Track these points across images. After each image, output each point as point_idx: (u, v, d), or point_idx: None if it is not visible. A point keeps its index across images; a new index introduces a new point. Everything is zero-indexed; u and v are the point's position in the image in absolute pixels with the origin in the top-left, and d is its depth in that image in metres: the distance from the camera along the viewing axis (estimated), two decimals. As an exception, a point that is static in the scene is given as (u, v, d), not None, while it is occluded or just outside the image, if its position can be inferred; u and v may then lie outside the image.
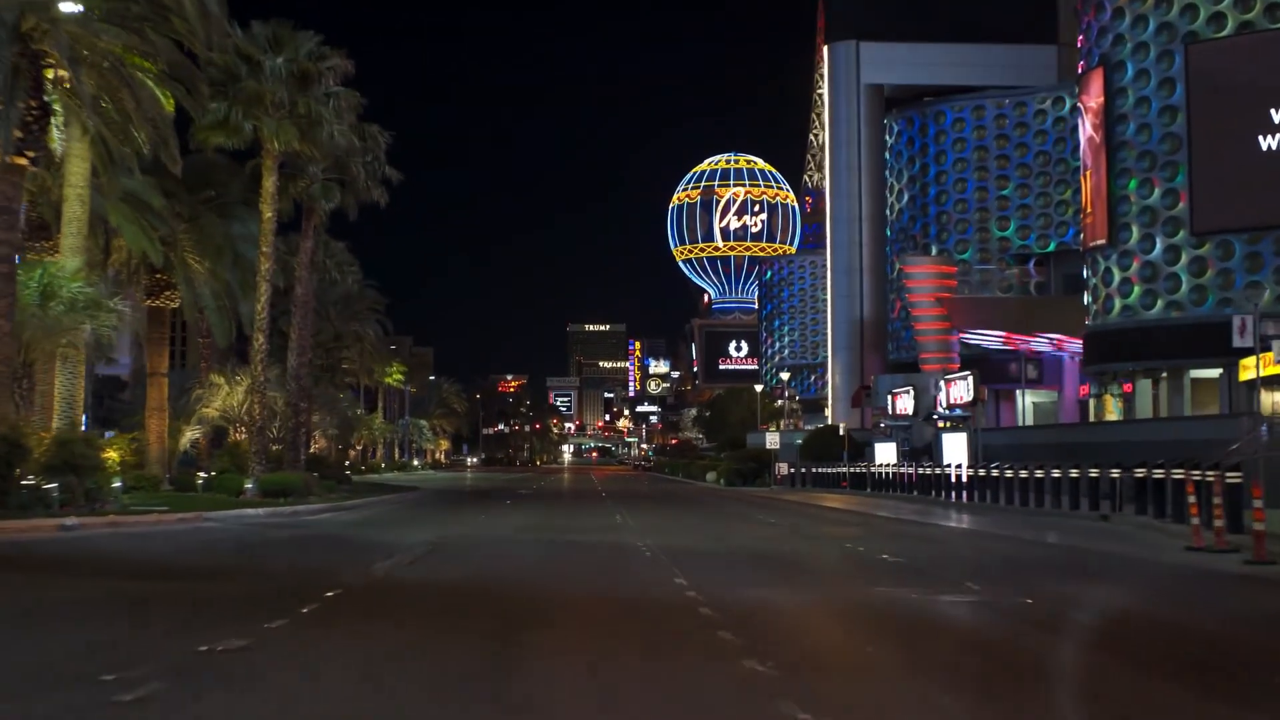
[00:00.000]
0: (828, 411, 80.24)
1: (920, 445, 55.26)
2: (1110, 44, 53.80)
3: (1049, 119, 74.22)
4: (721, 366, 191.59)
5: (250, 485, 29.05)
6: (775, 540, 21.96)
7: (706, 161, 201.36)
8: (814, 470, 59.78)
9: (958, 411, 49.67)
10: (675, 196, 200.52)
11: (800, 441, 65.82)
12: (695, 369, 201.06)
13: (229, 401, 38.37)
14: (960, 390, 47.53)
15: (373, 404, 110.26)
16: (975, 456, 43.86)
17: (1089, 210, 57.05)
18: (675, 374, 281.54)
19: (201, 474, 33.75)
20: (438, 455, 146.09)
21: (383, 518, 27.47)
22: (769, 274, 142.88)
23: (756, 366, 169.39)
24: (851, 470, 54.06)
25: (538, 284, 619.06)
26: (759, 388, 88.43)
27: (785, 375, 79.95)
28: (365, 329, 61.50)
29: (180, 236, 32.34)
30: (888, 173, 78.05)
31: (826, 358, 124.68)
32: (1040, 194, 74.27)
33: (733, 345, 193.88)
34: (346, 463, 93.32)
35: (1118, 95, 54.01)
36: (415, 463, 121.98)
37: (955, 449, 46.87)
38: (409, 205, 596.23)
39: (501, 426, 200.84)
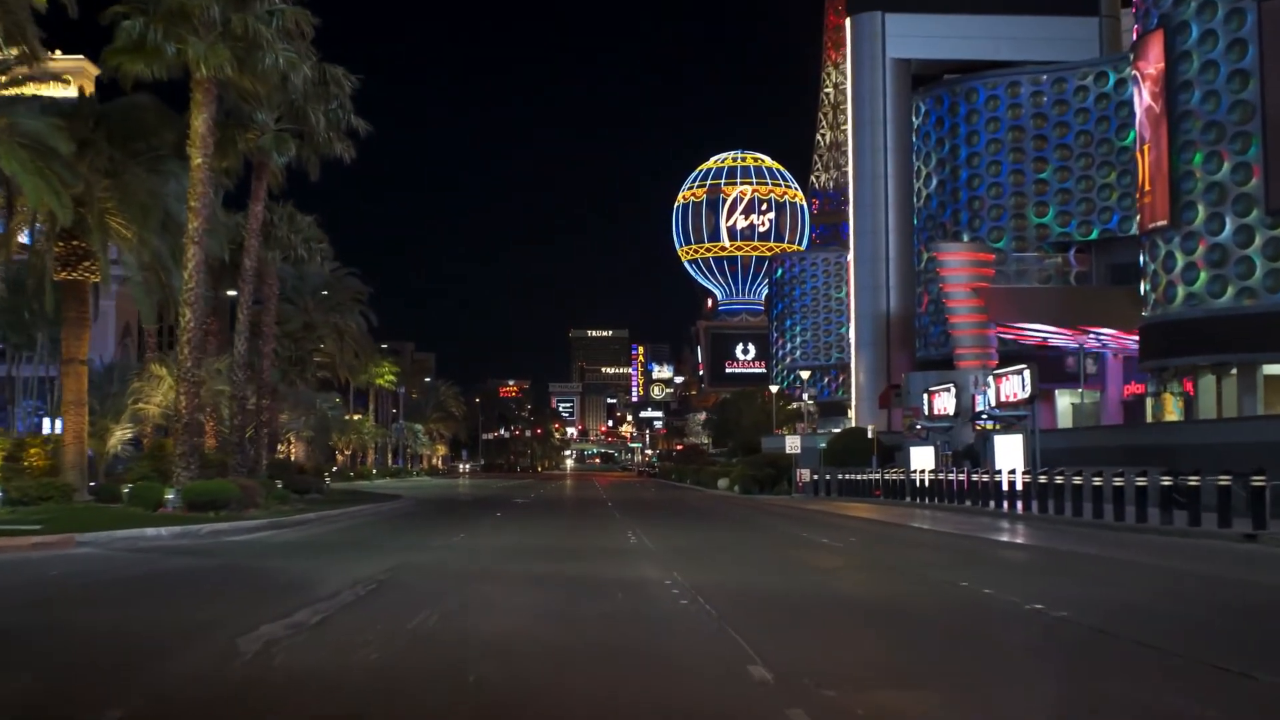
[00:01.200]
0: (850, 413, 74.32)
1: (961, 448, 49.59)
2: (1171, 3, 48.55)
3: (1091, 96, 68.58)
4: (728, 369, 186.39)
5: (171, 496, 23.23)
6: (849, 572, 16.26)
7: (712, 159, 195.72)
8: (840, 477, 54.06)
9: (999, 411, 43.86)
10: (680, 195, 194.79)
11: (823, 445, 60.02)
12: (701, 372, 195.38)
13: (171, 396, 32.63)
14: (1014, 386, 41.79)
15: (364, 406, 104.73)
16: (1033, 461, 38.44)
17: (1148, 188, 51.83)
18: (679, 379, 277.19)
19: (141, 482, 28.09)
20: (434, 461, 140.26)
21: (333, 538, 21.73)
22: (780, 271, 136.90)
23: (764, 369, 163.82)
24: (884, 476, 48.30)
25: (540, 291, 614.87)
26: (774, 388, 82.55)
27: (805, 374, 73.93)
28: (347, 321, 55.62)
29: (100, 195, 26.63)
30: (914, 156, 72.30)
31: (841, 358, 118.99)
32: (1082, 177, 68.65)
33: (739, 348, 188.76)
34: (334, 468, 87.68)
35: (1180, 60, 48.79)
36: (411, 469, 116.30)
37: (1008, 452, 41.22)
38: (414, 213, 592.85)
39: (502, 431, 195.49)
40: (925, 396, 51.95)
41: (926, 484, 44.05)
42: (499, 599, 12.32)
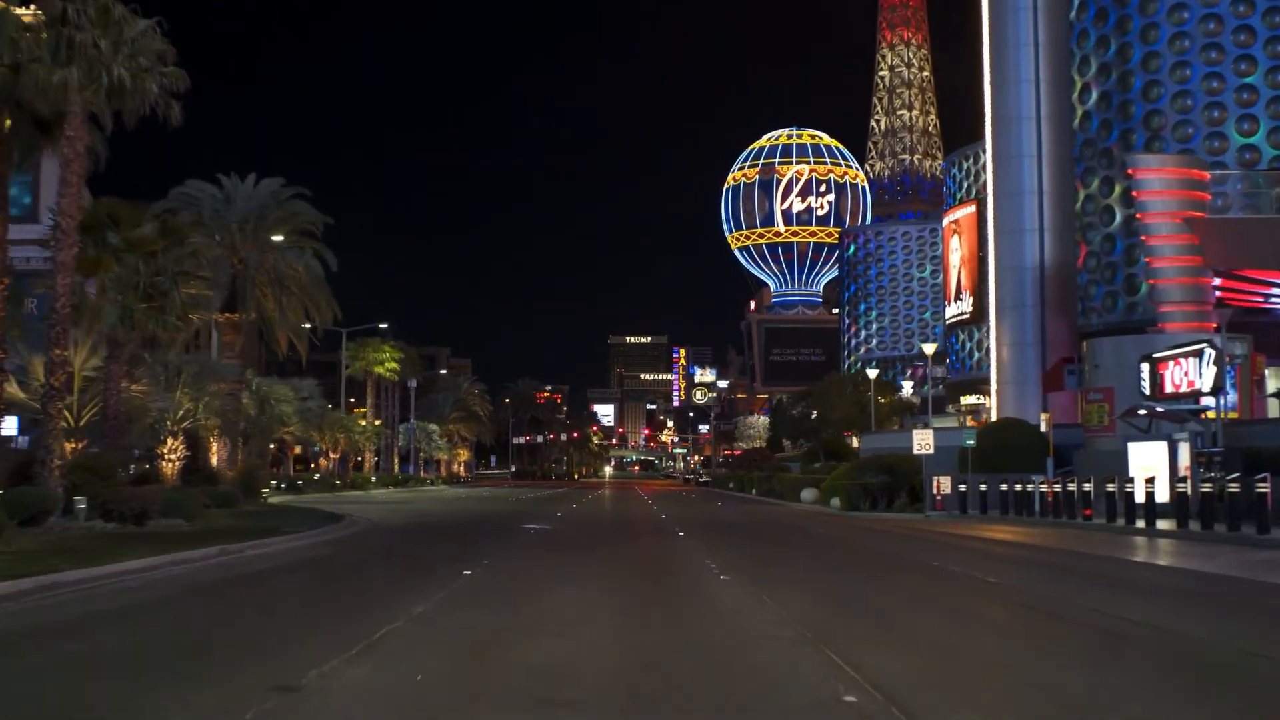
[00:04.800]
0: (988, 400, 56.39)
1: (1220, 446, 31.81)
2: None
3: (1316, -29, 50.72)
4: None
5: None
6: None
7: (765, 137, 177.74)
8: (1005, 488, 36.51)
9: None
10: (730, 176, 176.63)
11: (970, 443, 42.38)
12: (753, 367, 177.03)
13: None
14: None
15: (363, 401, 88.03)
16: None
17: None
18: (723, 383, 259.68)
19: None
20: (455, 467, 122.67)
21: None
22: (852, 248, 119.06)
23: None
24: (1106, 488, 30.57)
25: (578, 298, 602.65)
26: (872, 373, 64.73)
27: (930, 348, 56.07)
28: (291, 263, 38.41)
29: None
30: (1070, 65, 54.37)
31: (922, 348, 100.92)
32: (1304, 80, 50.85)
33: (796, 343, 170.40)
34: (317, 475, 71.01)
35: None
36: (426, 476, 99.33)
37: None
38: (456, 223, 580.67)
39: (535, 436, 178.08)
40: (1147, 367, 34.31)
41: (1196, 500, 26.45)
42: None
